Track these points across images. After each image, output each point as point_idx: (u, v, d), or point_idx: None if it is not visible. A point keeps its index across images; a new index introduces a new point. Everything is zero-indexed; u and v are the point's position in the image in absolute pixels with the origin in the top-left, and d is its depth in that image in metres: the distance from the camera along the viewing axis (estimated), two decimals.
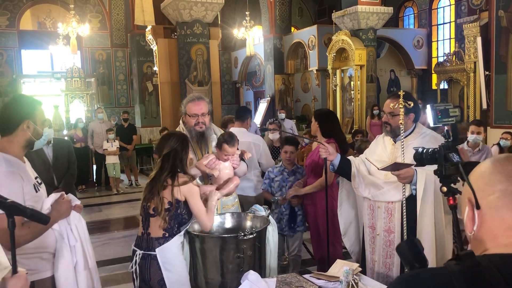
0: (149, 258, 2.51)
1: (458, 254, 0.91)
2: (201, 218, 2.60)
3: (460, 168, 1.10)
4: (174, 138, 2.65)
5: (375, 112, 9.66)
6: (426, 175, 2.63)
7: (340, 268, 2.59)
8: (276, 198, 3.94)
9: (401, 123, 2.79)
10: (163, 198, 2.50)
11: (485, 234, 0.96)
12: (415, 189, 2.71)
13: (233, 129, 4.64)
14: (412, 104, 2.80)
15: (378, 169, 2.80)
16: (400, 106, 2.78)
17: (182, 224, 2.61)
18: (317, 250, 3.95)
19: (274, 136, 5.51)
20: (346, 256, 4.40)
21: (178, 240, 2.57)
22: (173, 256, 2.53)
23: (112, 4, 15.52)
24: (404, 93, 2.84)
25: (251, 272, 2.39)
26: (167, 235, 2.53)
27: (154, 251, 2.50)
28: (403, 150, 2.79)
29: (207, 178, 3.21)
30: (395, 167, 2.65)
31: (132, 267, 2.57)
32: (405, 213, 2.77)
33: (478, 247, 0.97)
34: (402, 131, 2.80)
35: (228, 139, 3.06)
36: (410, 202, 2.76)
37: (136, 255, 2.55)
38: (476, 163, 1.09)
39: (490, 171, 0.98)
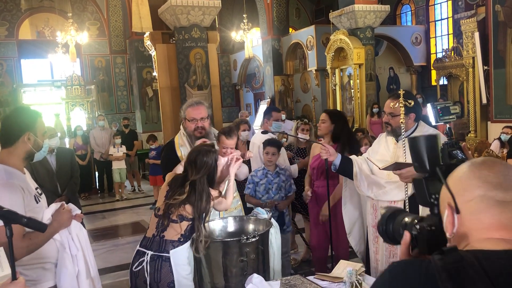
0: (160, 259, 2.51)
1: (442, 249, 0.93)
2: (226, 206, 2.82)
3: (439, 173, 1.07)
4: (209, 158, 2.60)
5: (375, 110, 9.66)
6: None
7: (343, 268, 2.59)
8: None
9: (402, 123, 2.79)
10: (187, 211, 2.56)
11: (464, 233, 0.99)
12: None
13: (258, 131, 4.73)
14: (412, 103, 2.80)
15: (379, 169, 2.80)
16: (400, 105, 2.78)
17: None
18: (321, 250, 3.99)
19: (305, 137, 5.03)
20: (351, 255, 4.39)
21: (188, 244, 2.61)
22: (184, 260, 2.57)
23: (110, 11, 15.56)
24: (404, 92, 2.84)
25: (255, 275, 2.40)
26: (182, 239, 2.55)
27: (167, 253, 2.51)
28: (404, 150, 2.79)
29: None
30: (396, 167, 2.66)
31: (136, 267, 2.56)
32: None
33: (460, 243, 1.00)
34: (403, 131, 2.80)
35: (226, 130, 3.07)
36: (413, 201, 2.76)
37: (146, 255, 2.54)
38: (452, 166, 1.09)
39: (467, 176, 1.00)
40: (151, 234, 2.61)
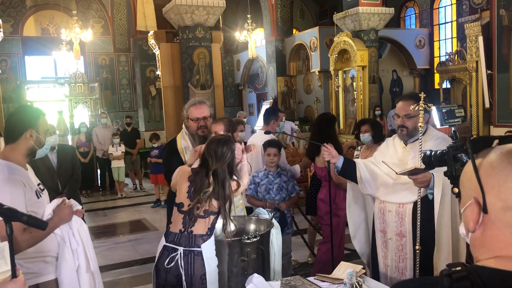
0: (191, 254, 2.55)
1: (453, 269, 0.81)
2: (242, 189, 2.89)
3: (473, 161, 0.89)
4: (228, 148, 2.65)
5: (377, 112, 9.66)
6: (444, 179, 2.55)
7: (344, 270, 2.59)
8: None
9: (420, 126, 2.76)
10: (214, 205, 2.62)
11: (488, 241, 0.86)
12: (432, 193, 2.68)
13: (259, 131, 4.72)
14: (431, 107, 2.79)
15: (396, 173, 2.76)
16: (421, 108, 2.75)
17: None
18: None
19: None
20: (351, 257, 4.40)
21: (213, 237, 2.67)
22: (213, 252, 2.63)
23: (115, 9, 15.60)
24: (424, 95, 2.82)
25: (256, 275, 2.40)
26: (209, 233, 2.62)
27: (199, 247, 2.55)
28: (421, 153, 2.75)
29: None
30: (413, 172, 2.63)
31: (168, 263, 2.57)
32: (419, 216, 2.74)
33: (480, 249, 0.88)
34: (421, 134, 2.77)
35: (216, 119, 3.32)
36: (422, 205, 2.74)
37: (179, 252, 2.56)
38: (487, 139, 0.93)
39: (506, 175, 0.83)
40: (177, 230, 2.63)
